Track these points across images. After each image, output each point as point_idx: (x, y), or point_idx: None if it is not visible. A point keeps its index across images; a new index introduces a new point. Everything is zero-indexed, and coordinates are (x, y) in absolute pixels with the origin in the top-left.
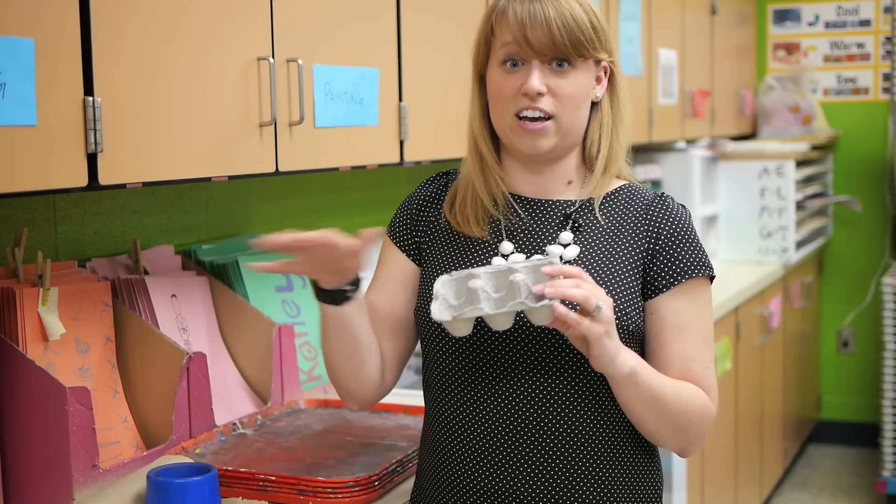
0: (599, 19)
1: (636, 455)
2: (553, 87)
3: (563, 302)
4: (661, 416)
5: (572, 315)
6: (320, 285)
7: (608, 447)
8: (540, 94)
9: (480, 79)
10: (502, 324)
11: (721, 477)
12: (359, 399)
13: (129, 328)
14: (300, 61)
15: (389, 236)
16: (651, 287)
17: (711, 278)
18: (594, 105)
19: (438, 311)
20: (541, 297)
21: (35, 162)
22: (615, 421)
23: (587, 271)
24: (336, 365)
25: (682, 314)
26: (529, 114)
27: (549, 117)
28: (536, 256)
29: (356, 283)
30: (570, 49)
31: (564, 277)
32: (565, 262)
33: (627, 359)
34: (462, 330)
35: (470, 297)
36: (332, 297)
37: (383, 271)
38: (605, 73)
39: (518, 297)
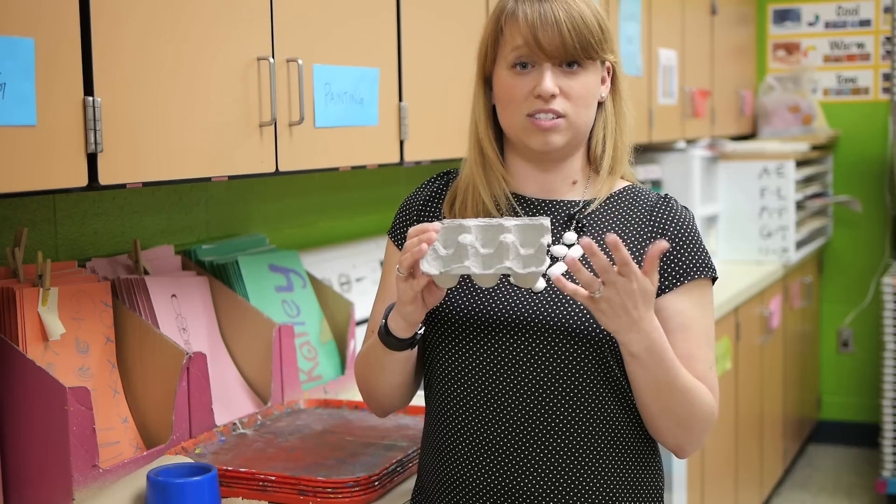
0: (605, 19)
1: (639, 453)
2: (564, 88)
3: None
4: (664, 403)
5: (568, 287)
6: (396, 334)
7: (612, 444)
8: (553, 96)
9: (486, 80)
10: (487, 282)
11: (721, 477)
12: (394, 409)
13: (129, 328)
14: (300, 61)
15: (391, 239)
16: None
17: (714, 280)
18: (598, 105)
19: (427, 263)
20: (528, 261)
21: (35, 162)
22: (619, 418)
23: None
24: (382, 391)
25: (685, 315)
26: (542, 116)
27: (561, 116)
28: (528, 217)
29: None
30: (580, 51)
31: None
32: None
33: (638, 339)
34: (447, 283)
35: (458, 251)
36: (404, 344)
37: (390, 280)
38: (609, 72)
39: (506, 258)
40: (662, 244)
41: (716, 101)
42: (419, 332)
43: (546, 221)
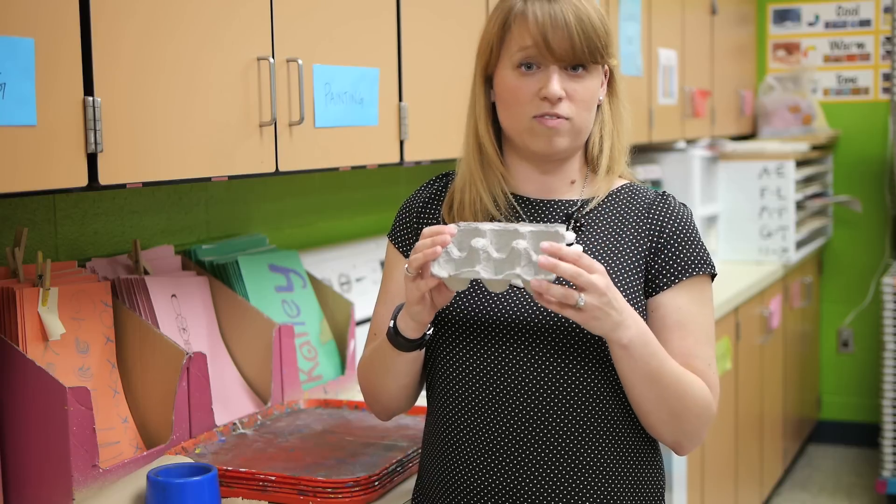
0: (608, 22)
1: (640, 455)
2: (569, 91)
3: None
4: (657, 395)
5: (553, 308)
6: (406, 334)
7: (613, 448)
8: (560, 100)
9: (486, 78)
10: (497, 287)
11: (721, 477)
12: (399, 412)
13: (129, 328)
14: (300, 61)
15: (392, 242)
16: (653, 284)
17: (713, 276)
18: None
19: (438, 265)
20: (539, 269)
21: (35, 162)
22: (620, 420)
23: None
24: (388, 394)
25: (683, 311)
26: (548, 119)
27: (565, 119)
28: (544, 224)
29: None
30: (587, 54)
31: (561, 259)
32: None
33: (626, 332)
34: (457, 286)
35: (471, 255)
36: (413, 345)
37: (392, 284)
38: (606, 75)
39: (517, 264)
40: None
41: (716, 101)
42: (428, 332)
43: (561, 229)
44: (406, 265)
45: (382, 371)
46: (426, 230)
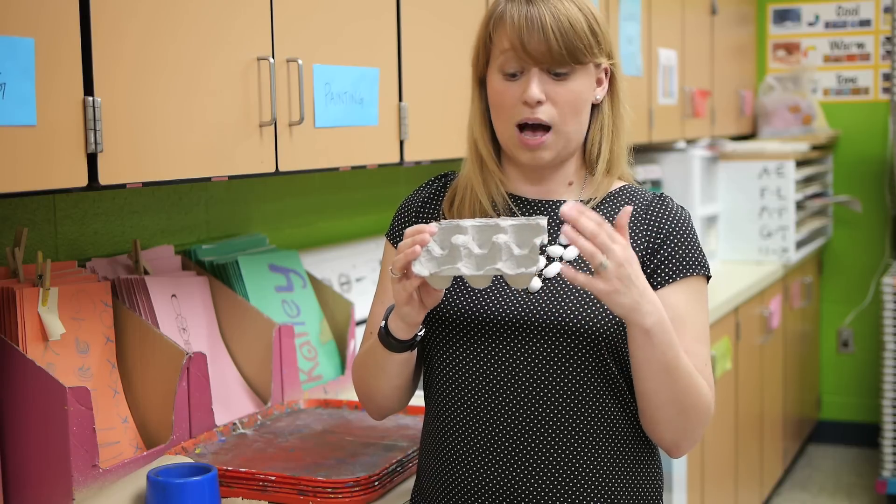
0: (599, 22)
1: (638, 459)
2: (551, 94)
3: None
4: (670, 388)
5: (579, 278)
6: (396, 335)
7: (610, 452)
8: (539, 103)
9: (481, 82)
10: (480, 283)
11: (721, 477)
12: (392, 411)
13: (129, 328)
14: (300, 61)
15: (389, 241)
16: (649, 282)
17: (708, 278)
18: (594, 107)
19: (419, 264)
20: (520, 262)
21: (35, 162)
22: (617, 421)
23: (586, 272)
24: (381, 393)
25: (678, 310)
26: (530, 123)
27: (547, 128)
28: (525, 217)
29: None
30: (566, 57)
31: (580, 223)
32: (565, 262)
33: (648, 317)
34: (440, 284)
35: (452, 252)
36: (404, 346)
37: (389, 283)
38: (606, 74)
39: (498, 259)
40: (628, 208)
41: (716, 101)
42: (419, 333)
43: (543, 221)
44: (391, 267)
45: (375, 371)
46: (408, 230)
